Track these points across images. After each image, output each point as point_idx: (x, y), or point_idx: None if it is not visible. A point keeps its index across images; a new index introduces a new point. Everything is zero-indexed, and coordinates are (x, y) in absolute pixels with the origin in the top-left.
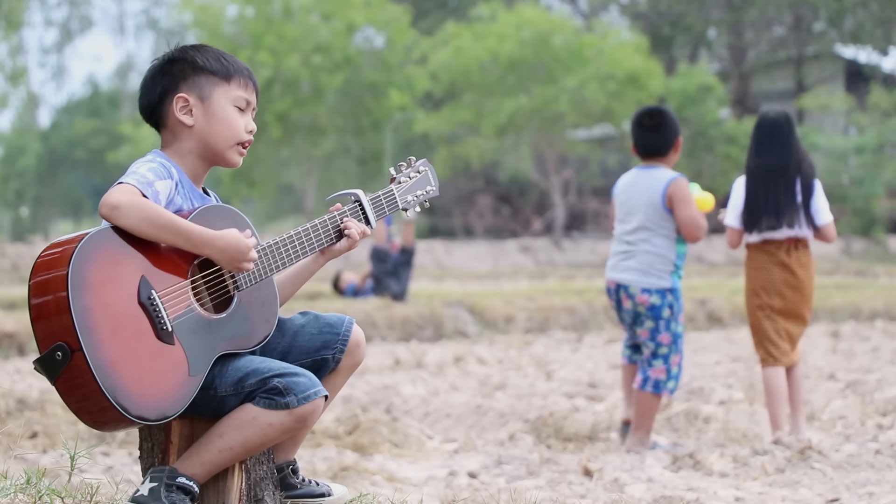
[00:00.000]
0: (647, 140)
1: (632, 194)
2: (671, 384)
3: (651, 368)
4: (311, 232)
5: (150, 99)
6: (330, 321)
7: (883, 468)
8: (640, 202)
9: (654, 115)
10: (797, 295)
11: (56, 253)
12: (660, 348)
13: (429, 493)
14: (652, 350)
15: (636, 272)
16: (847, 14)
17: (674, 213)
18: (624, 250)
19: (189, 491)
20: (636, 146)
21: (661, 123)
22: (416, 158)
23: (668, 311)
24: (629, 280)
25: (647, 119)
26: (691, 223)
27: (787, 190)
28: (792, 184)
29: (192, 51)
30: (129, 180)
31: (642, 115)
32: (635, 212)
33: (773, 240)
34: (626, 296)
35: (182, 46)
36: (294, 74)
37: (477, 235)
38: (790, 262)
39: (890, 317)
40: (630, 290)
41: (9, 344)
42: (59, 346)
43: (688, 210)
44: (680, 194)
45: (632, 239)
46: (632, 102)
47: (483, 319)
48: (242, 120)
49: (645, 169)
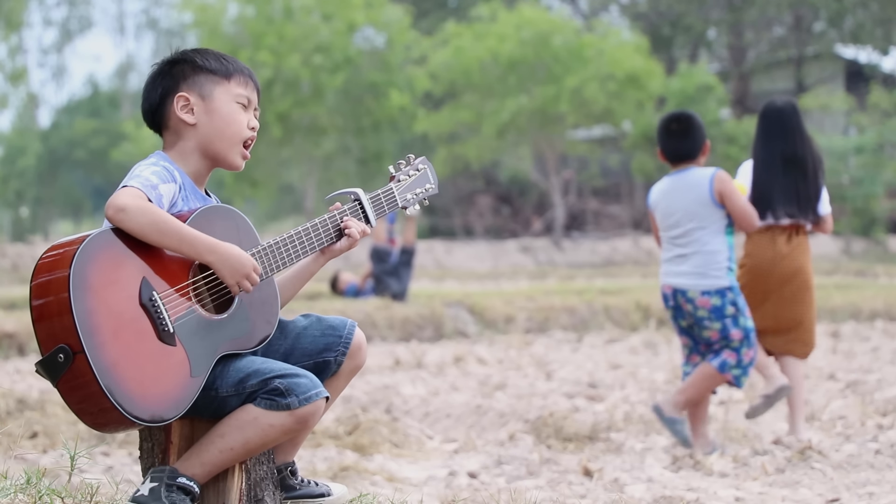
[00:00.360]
0: (676, 145)
1: (673, 200)
2: (737, 371)
3: (723, 353)
4: (312, 231)
5: (151, 102)
6: (332, 324)
7: (883, 468)
8: (685, 204)
9: (681, 120)
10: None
11: (57, 254)
12: (732, 343)
13: (429, 493)
14: (724, 345)
15: (692, 276)
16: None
17: (726, 206)
18: (677, 254)
19: (189, 491)
20: (665, 152)
21: (688, 128)
22: (415, 156)
23: (731, 308)
24: (687, 284)
25: (674, 125)
26: (745, 212)
27: (804, 177)
28: (808, 171)
29: (192, 53)
30: (134, 183)
31: (669, 121)
32: (682, 215)
33: (777, 225)
34: (685, 300)
35: (182, 50)
36: (294, 74)
37: (477, 235)
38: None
39: (890, 317)
40: (689, 294)
41: (9, 344)
42: (61, 348)
43: (739, 200)
44: (728, 187)
45: (683, 241)
46: (632, 102)
47: (483, 319)
48: (244, 116)
49: (679, 174)
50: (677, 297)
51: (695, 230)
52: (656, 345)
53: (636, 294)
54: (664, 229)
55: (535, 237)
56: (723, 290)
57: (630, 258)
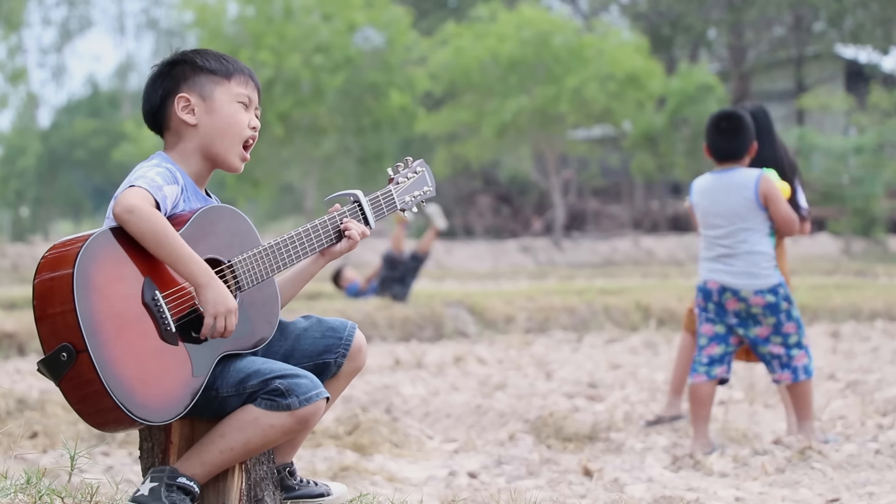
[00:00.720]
0: (724, 144)
1: (717, 198)
2: (811, 365)
3: (794, 359)
4: (312, 232)
5: (152, 103)
6: (333, 325)
7: (883, 468)
8: (731, 204)
9: (731, 119)
10: None
11: (60, 253)
12: (790, 338)
13: (429, 493)
14: (783, 342)
15: (745, 275)
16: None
17: (769, 210)
18: (722, 253)
19: (189, 491)
20: (712, 149)
21: (738, 127)
22: (412, 159)
23: (785, 303)
24: (740, 284)
25: (724, 123)
26: (787, 217)
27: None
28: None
29: (192, 53)
30: (141, 184)
31: (720, 119)
32: (726, 215)
33: None
34: (736, 299)
35: (181, 51)
36: (295, 74)
37: (477, 235)
38: None
39: (890, 317)
40: (742, 293)
41: (9, 344)
42: (64, 346)
43: (783, 205)
44: (774, 191)
45: (729, 242)
46: (632, 102)
47: (483, 319)
48: (245, 116)
49: (724, 172)
50: (724, 295)
51: (741, 231)
52: (656, 345)
53: (636, 294)
54: (706, 227)
55: (535, 237)
56: (775, 288)
57: (630, 258)
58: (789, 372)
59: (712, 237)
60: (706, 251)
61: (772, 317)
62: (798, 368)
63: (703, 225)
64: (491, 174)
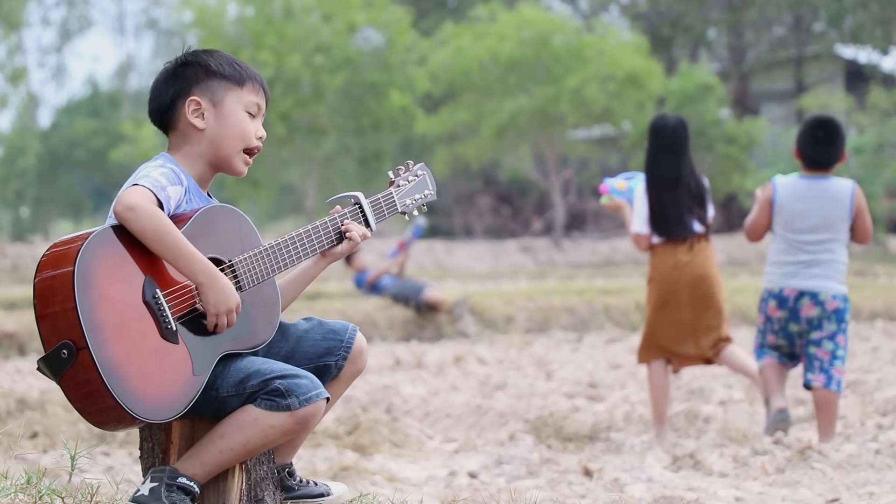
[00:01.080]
0: (820, 153)
1: (811, 205)
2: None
3: (833, 368)
4: (313, 233)
5: (161, 102)
6: (334, 328)
7: (883, 468)
8: (825, 214)
9: (828, 127)
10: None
11: (61, 251)
12: (838, 350)
13: (429, 493)
14: (832, 350)
15: (826, 279)
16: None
17: (856, 221)
18: (805, 260)
19: (189, 491)
20: (805, 156)
21: (834, 137)
22: (413, 162)
23: (848, 314)
24: (821, 287)
25: (821, 132)
26: (869, 229)
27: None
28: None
29: (205, 55)
30: (144, 183)
31: (816, 127)
32: (820, 224)
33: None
34: (813, 303)
35: (194, 50)
36: (295, 74)
37: (477, 235)
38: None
39: (890, 317)
40: (821, 296)
41: (9, 344)
42: (65, 343)
43: (868, 217)
44: (864, 203)
45: (815, 249)
46: (632, 102)
47: (483, 319)
48: (253, 125)
49: (817, 180)
50: (801, 301)
51: (831, 241)
52: None
53: (636, 294)
54: (790, 231)
55: (535, 237)
56: (845, 297)
57: (630, 258)
58: (825, 376)
59: (799, 242)
60: (786, 255)
61: (834, 323)
62: (833, 378)
63: (788, 228)
64: (491, 174)
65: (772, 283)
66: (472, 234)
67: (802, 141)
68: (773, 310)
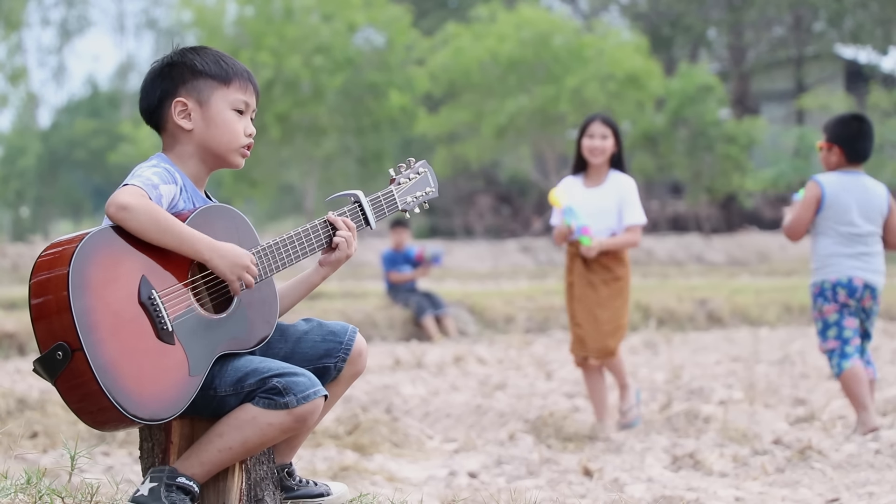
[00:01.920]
0: (865, 146)
1: (860, 197)
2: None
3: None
4: (311, 232)
5: (149, 102)
6: (333, 329)
7: (883, 468)
8: (872, 206)
9: (865, 122)
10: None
11: (56, 252)
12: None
13: (429, 493)
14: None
15: (882, 274)
16: (847, 14)
17: (890, 218)
18: (863, 251)
19: (189, 491)
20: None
21: (872, 131)
22: (415, 160)
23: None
24: (879, 282)
25: (865, 126)
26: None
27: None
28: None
29: (191, 53)
30: (135, 182)
31: (859, 122)
32: (869, 215)
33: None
34: (871, 296)
35: (181, 49)
36: (295, 75)
37: (477, 235)
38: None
39: (890, 317)
40: (877, 291)
41: (9, 344)
42: (60, 345)
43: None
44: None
45: (868, 240)
46: (632, 102)
47: (483, 319)
48: (241, 123)
49: (857, 174)
50: (865, 292)
51: (874, 233)
52: (656, 345)
53: (636, 294)
54: (844, 224)
55: (535, 237)
56: None
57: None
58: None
59: (853, 234)
60: (844, 247)
61: (875, 315)
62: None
63: (841, 221)
64: (491, 174)
65: (838, 273)
66: (472, 234)
67: (846, 136)
68: (846, 297)
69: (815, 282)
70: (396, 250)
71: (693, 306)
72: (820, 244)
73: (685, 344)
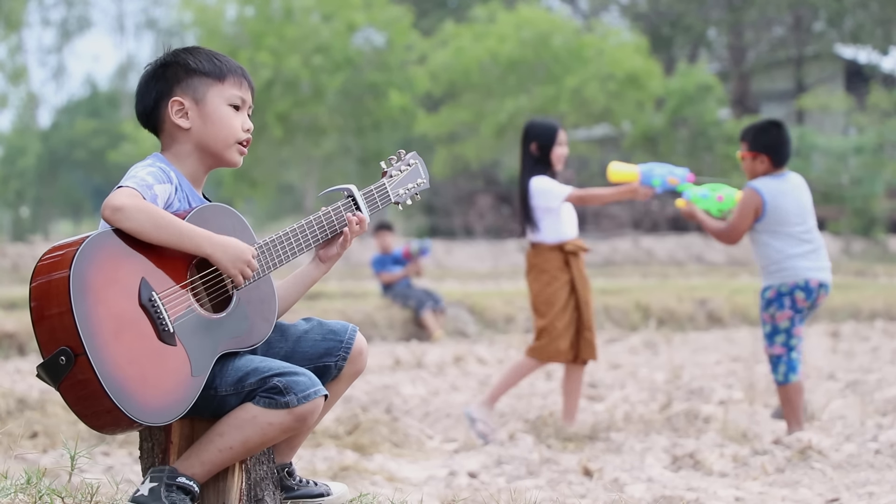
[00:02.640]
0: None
1: (798, 197)
2: None
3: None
4: (307, 228)
5: (145, 105)
6: (334, 328)
7: (883, 468)
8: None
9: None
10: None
11: (57, 256)
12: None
13: (429, 492)
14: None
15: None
16: (847, 14)
17: None
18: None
19: (189, 491)
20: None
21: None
22: (405, 152)
23: None
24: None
25: (785, 131)
26: None
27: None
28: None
29: (185, 53)
30: (129, 183)
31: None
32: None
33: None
34: (825, 294)
35: (174, 50)
36: (294, 75)
37: (477, 235)
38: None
39: (890, 317)
40: (829, 287)
41: (9, 344)
42: (63, 350)
43: None
44: None
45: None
46: (632, 102)
47: (483, 319)
48: (238, 119)
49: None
50: (820, 291)
51: (813, 228)
52: (656, 345)
53: (636, 294)
54: (790, 225)
55: None
56: None
57: (630, 258)
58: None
59: (798, 233)
60: (795, 247)
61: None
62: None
63: (786, 223)
64: (491, 174)
65: (794, 276)
66: (472, 234)
67: (771, 144)
68: (803, 301)
69: (772, 285)
70: (384, 253)
71: (693, 306)
72: (770, 247)
73: (685, 344)
